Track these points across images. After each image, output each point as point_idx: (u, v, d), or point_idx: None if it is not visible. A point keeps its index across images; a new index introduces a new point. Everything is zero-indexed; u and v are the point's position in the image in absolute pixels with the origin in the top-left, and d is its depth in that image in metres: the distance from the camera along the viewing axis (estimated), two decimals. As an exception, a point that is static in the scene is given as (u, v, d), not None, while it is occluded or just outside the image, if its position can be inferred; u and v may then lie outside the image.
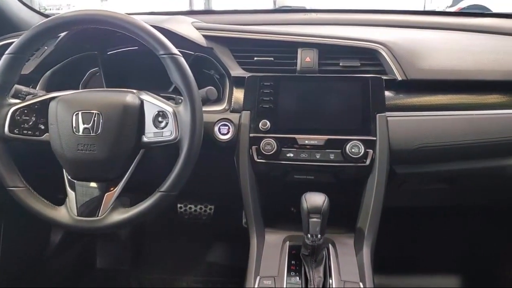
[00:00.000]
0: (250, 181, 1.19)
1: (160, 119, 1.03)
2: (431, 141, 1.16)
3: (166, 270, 2.00)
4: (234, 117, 1.20)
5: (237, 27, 1.30)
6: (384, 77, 1.18)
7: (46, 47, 1.27)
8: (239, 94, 1.22)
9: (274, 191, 1.29)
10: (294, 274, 1.08)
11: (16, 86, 1.09)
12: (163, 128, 1.02)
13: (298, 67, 1.22)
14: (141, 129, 1.03)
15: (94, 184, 1.05)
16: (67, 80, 1.33)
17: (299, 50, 1.24)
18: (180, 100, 1.06)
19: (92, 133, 1.00)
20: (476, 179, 1.33)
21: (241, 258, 1.22)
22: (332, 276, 1.06)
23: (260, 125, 1.16)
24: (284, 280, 1.06)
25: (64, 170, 1.07)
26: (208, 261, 2.03)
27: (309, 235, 1.02)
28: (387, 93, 1.18)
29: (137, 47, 1.35)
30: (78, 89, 1.35)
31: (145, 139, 1.03)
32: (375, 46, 1.21)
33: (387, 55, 1.20)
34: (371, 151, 1.13)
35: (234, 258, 1.99)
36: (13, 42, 1.02)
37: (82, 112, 1.01)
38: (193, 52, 1.27)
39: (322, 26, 1.58)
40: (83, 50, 1.35)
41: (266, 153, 1.14)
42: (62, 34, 1.21)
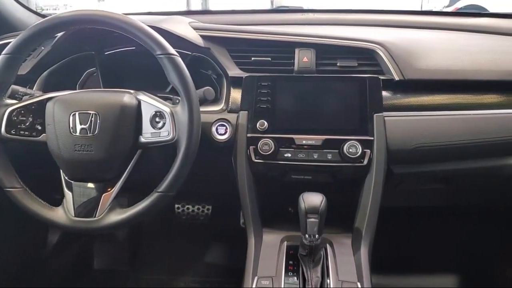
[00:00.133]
0: (248, 181, 1.19)
1: (157, 119, 1.03)
2: (428, 141, 1.16)
3: (164, 271, 1.99)
4: (232, 117, 1.20)
5: (234, 27, 1.30)
6: (381, 77, 1.18)
7: (43, 48, 1.27)
8: (236, 94, 1.22)
9: (271, 191, 1.29)
10: (292, 274, 1.08)
11: (13, 86, 1.09)
12: (160, 128, 1.02)
13: (296, 67, 1.23)
14: (138, 129, 1.03)
15: (91, 185, 1.05)
16: (64, 81, 1.33)
17: (297, 50, 1.24)
18: (177, 100, 1.06)
19: (89, 133, 1.00)
20: (473, 179, 1.34)
21: (239, 258, 1.21)
22: (330, 276, 1.06)
23: (257, 125, 1.16)
24: (282, 280, 1.06)
25: (61, 171, 1.07)
26: (206, 261, 2.03)
27: (306, 235, 1.02)
28: (384, 93, 1.18)
29: (134, 47, 1.35)
30: (75, 89, 1.34)
31: (142, 139, 1.03)
32: (372, 46, 1.22)
33: (384, 55, 1.20)
34: (368, 151, 1.13)
35: (232, 258, 1.99)
36: (9, 43, 1.02)
37: (79, 113, 1.01)
38: (190, 52, 1.27)
39: (319, 26, 1.58)
40: (80, 51, 1.35)
41: (263, 153, 1.14)
42: (59, 34, 1.21)
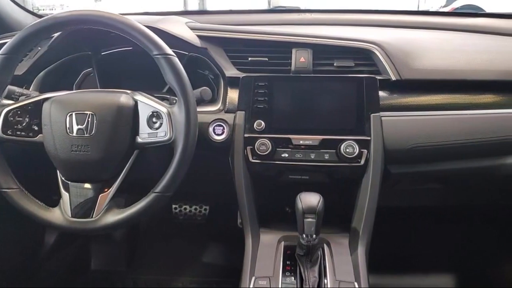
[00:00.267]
0: (245, 181, 1.19)
1: (154, 119, 1.03)
2: (425, 141, 1.16)
3: (161, 271, 1.99)
4: (229, 117, 1.20)
5: (231, 27, 1.30)
6: (378, 77, 1.18)
7: (39, 48, 1.26)
8: (233, 95, 1.22)
9: (269, 192, 1.29)
10: (289, 274, 1.08)
11: (9, 87, 1.08)
12: (157, 128, 1.02)
13: (293, 67, 1.23)
14: (135, 129, 1.03)
15: (88, 185, 1.05)
16: (60, 81, 1.33)
17: (294, 50, 1.24)
18: (174, 101, 1.05)
19: (86, 134, 1.00)
20: (469, 178, 1.34)
21: (236, 259, 1.21)
22: (327, 276, 1.06)
23: (254, 125, 1.16)
24: (279, 280, 1.06)
25: (58, 171, 1.06)
26: (203, 261, 2.03)
27: (304, 235, 1.02)
28: (381, 93, 1.18)
29: (131, 48, 1.35)
30: (72, 90, 1.34)
31: (139, 139, 1.03)
32: (369, 46, 1.22)
33: (381, 55, 1.20)
34: (365, 151, 1.13)
35: (229, 259, 1.99)
36: (6, 43, 1.01)
37: (76, 113, 1.01)
38: (187, 53, 1.27)
39: (316, 26, 1.58)
40: (77, 51, 1.35)
41: (260, 153, 1.14)
42: (56, 35, 1.20)
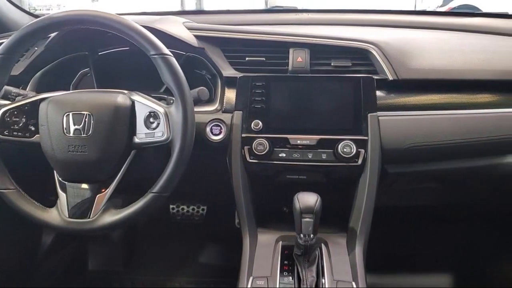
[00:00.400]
0: (243, 181, 1.19)
1: (151, 119, 1.02)
2: (422, 140, 1.16)
3: (159, 271, 1.99)
4: (226, 117, 1.20)
5: (228, 27, 1.30)
6: (375, 77, 1.18)
7: (36, 48, 1.26)
8: (231, 94, 1.22)
9: (266, 191, 1.29)
10: (287, 274, 1.08)
11: (6, 87, 1.08)
12: (154, 128, 1.02)
13: (290, 67, 1.23)
14: (132, 130, 1.03)
15: (85, 186, 1.04)
16: (57, 81, 1.32)
17: (291, 50, 1.24)
18: (171, 101, 1.05)
19: (83, 134, 1.00)
20: (467, 178, 1.34)
21: (234, 259, 1.21)
22: (325, 276, 1.06)
23: (252, 125, 1.16)
24: (277, 280, 1.06)
25: (55, 172, 1.06)
26: (200, 261, 2.03)
27: (301, 235, 1.02)
28: (378, 92, 1.18)
29: (128, 48, 1.35)
30: (69, 90, 1.34)
31: (136, 140, 1.03)
32: (366, 46, 1.22)
33: (378, 55, 1.20)
34: (362, 151, 1.13)
35: (226, 259, 1.99)
36: (2, 43, 1.01)
37: (73, 113, 1.00)
38: (184, 52, 1.27)
39: (313, 26, 1.58)
40: (74, 51, 1.34)
41: (258, 153, 1.14)
42: (53, 35, 1.20)
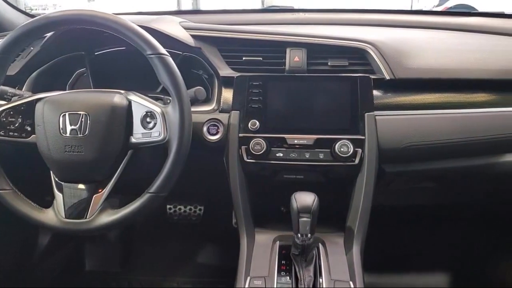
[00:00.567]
0: (240, 181, 1.19)
1: (148, 119, 1.02)
2: (419, 139, 1.16)
3: (156, 271, 1.99)
4: (223, 117, 1.20)
5: (225, 27, 1.30)
6: (372, 76, 1.18)
7: (32, 48, 1.25)
8: (228, 94, 1.22)
9: (263, 191, 1.29)
10: (284, 274, 1.08)
11: (2, 87, 1.08)
12: (151, 128, 1.02)
13: (287, 66, 1.22)
14: (129, 129, 1.03)
15: (82, 186, 1.04)
16: (54, 81, 1.32)
17: (288, 50, 1.24)
18: (168, 101, 1.05)
19: (80, 134, 0.99)
20: (464, 177, 1.35)
21: (231, 259, 1.21)
22: (322, 276, 1.06)
23: (249, 125, 1.16)
24: (275, 280, 1.06)
25: (51, 172, 1.06)
26: (198, 261, 2.02)
27: (299, 235, 1.02)
28: (375, 92, 1.18)
29: (124, 47, 1.34)
30: (65, 90, 1.33)
31: (133, 140, 1.03)
32: (363, 45, 1.22)
33: (375, 55, 1.20)
34: (360, 150, 1.13)
35: (224, 259, 1.99)
36: (-2, 43, 1.01)
37: (69, 113, 1.00)
38: (181, 52, 1.27)
39: (310, 25, 1.58)
40: (70, 51, 1.34)
41: (255, 153, 1.14)
42: (49, 35, 1.20)
